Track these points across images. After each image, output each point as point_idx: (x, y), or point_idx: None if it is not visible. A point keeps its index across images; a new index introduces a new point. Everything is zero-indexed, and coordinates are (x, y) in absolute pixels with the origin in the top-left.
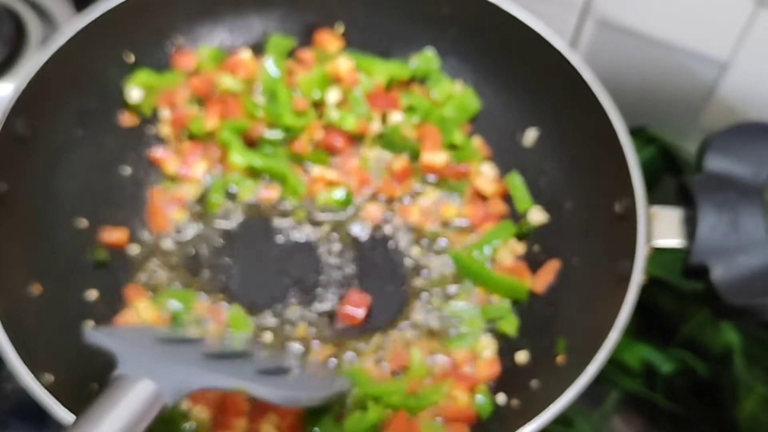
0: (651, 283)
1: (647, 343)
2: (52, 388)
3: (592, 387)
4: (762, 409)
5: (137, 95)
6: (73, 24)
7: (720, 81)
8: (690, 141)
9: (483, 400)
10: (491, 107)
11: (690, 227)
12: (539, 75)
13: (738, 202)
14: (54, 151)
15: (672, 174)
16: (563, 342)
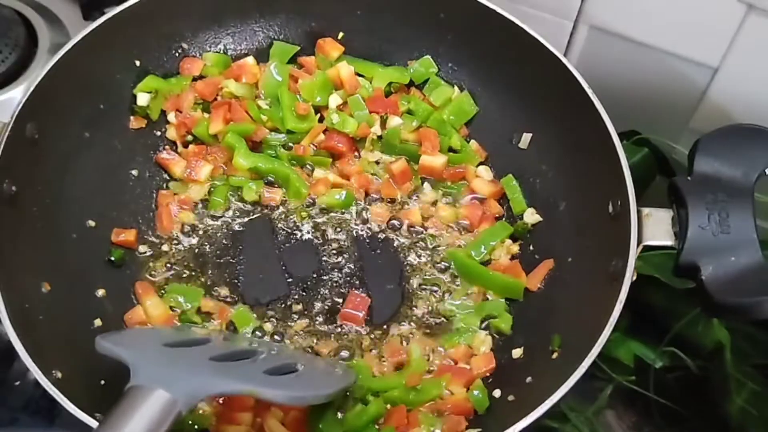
0: (644, 282)
1: (640, 340)
2: (60, 384)
3: (586, 383)
4: (752, 404)
5: (144, 100)
6: (83, 30)
7: (710, 85)
8: (681, 143)
9: (479, 394)
10: (488, 111)
11: (681, 227)
12: (534, 79)
13: (728, 202)
14: (63, 154)
15: (664, 176)
16: (558, 338)
